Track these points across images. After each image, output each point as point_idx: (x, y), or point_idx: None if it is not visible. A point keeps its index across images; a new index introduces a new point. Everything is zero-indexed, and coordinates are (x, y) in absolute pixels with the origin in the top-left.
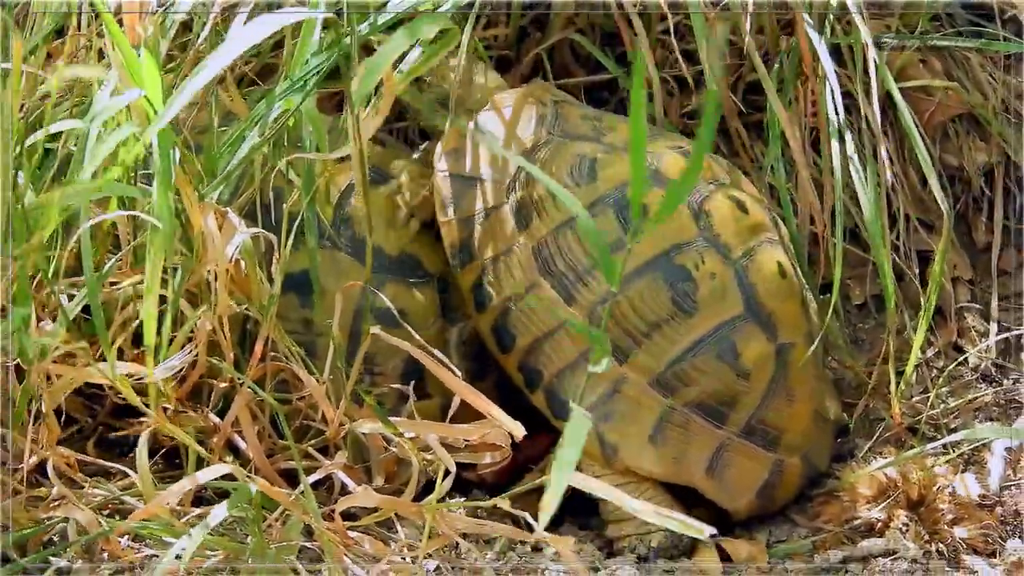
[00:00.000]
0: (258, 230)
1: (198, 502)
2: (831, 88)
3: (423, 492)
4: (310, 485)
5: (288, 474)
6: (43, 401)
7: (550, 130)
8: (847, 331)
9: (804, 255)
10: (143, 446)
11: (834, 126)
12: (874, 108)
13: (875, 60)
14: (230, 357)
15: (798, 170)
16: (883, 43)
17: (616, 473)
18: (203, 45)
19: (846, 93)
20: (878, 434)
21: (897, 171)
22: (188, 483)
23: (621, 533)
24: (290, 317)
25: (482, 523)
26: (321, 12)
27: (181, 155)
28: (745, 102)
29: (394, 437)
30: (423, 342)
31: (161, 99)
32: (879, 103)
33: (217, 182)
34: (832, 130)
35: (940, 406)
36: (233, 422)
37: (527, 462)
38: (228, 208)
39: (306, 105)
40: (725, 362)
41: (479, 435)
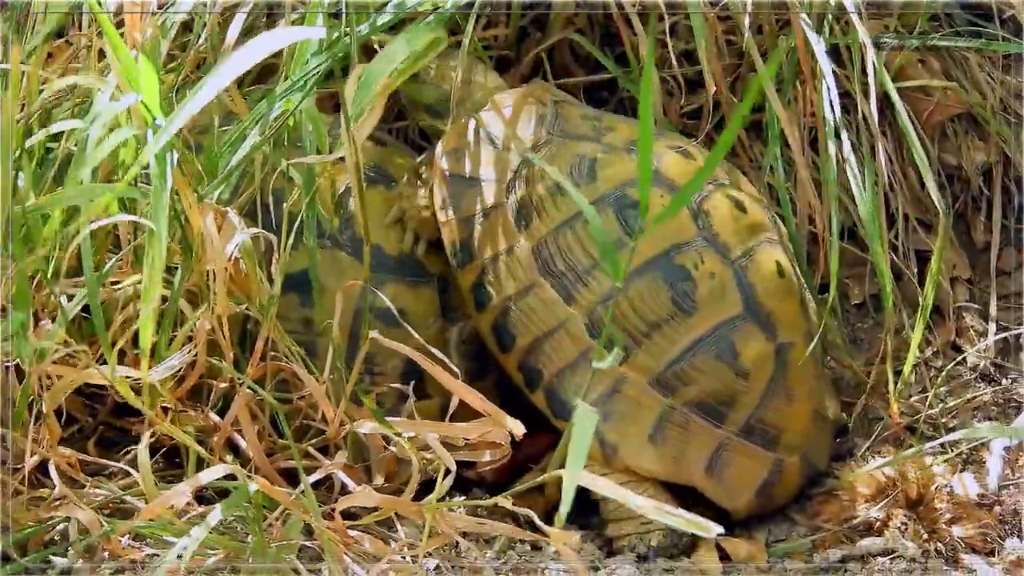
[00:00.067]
0: (258, 230)
1: (198, 501)
2: (828, 88)
3: (423, 491)
4: (310, 485)
5: (288, 473)
6: (43, 402)
7: (550, 130)
8: (846, 330)
9: (803, 255)
10: (144, 446)
11: (831, 126)
12: (872, 108)
13: (873, 60)
14: (230, 357)
15: (797, 170)
16: (882, 43)
17: (616, 472)
18: (203, 45)
19: (845, 93)
20: (877, 433)
21: (896, 170)
22: (190, 485)
23: (621, 532)
24: (290, 317)
25: (482, 522)
26: (320, 29)
27: (180, 155)
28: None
29: (394, 437)
30: (423, 342)
31: (158, 103)
32: (878, 103)
33: (217, 182)
34: (828, 130)
35: (939, 405)
36: (233, 421)
37: (527, 461)
38: (228, 208)
39: (306, 105)
40: (724, 362)
41: (479, 434)
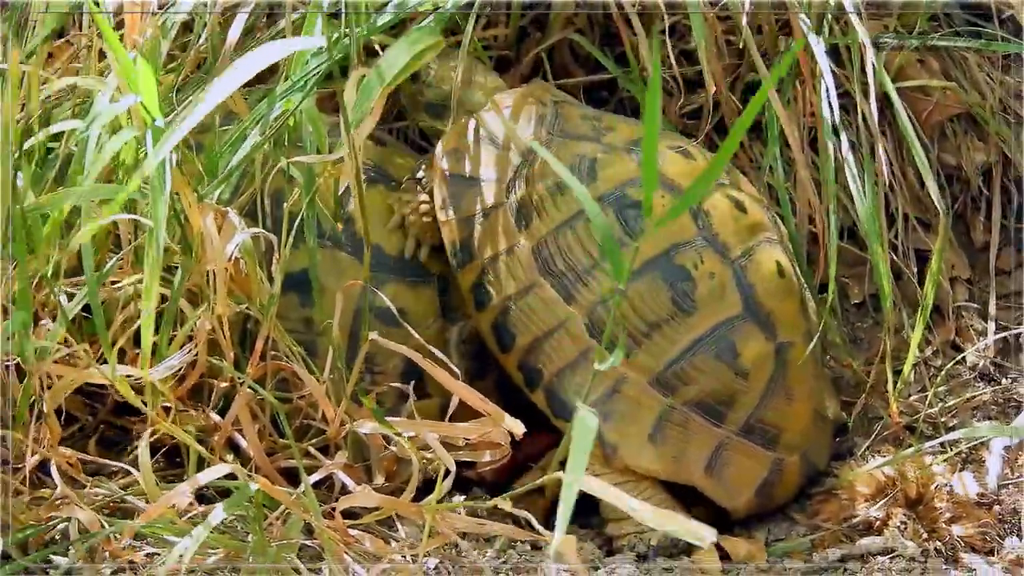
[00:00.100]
0: (258, 230)
1: (199, 500)
2: (828, 88)
3: (423, 490)
4: (310, 484)
5: (288, 473)
6: (44, 402)
7: (550, 130)
8: (845, 330)
9: (803, 254)
10: (145, 446)
11: (831, 126)
12: (872, 108)
13: (873, 60)
14: (230, 356)
15: (797, 170)
16: (881, 43)
17: (615, 472)
18: (203, 46)
19: (844, 93)
20: (876, 433)
21: (895, 170)
22: (191, 485)
23: (621, 531)
24: (290, 316)
25: (482, 522)
26: (319, 40)
27: (181, 155)
28: (743, 102)
29: (394, 436)
30: (423, 341)
31: (157, 104)
32: (877, 103)
33: (218, 182)
34: (828, 130)
35: (938, 405)
36: (234, 421)
37: (527, 460)
38: (228, 208)
39: (306, 105)
40: (724, 361)
41: (479, 434)
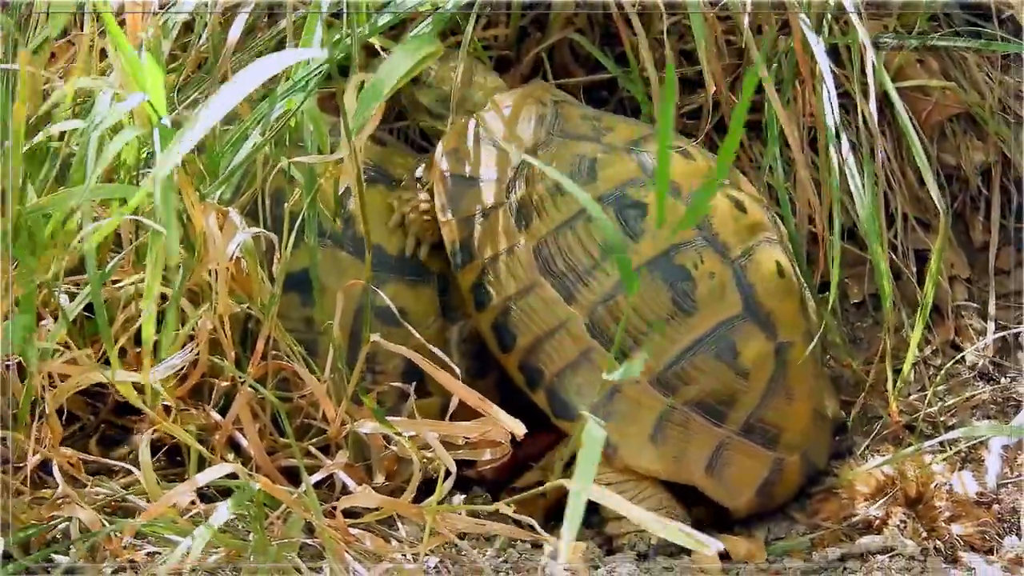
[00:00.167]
0: (259, 229)
1: (199, 498)
2: (828, 88)
3: (423, 489)
4: (311, 483)
5: (289, 472)
6: (46, 402)
7: (550, 130)
8: (845, 329)
9: (803, 254)
10: (146, 445)
11: (830, 126)
12: (871, 108)
13: (872, 60)
14: (231, 356)
15: (796, 169)
16: (881, 43)
17: (615, 471)
18: (204, 46)
19: (844, 93)
20: (876, 432)
21: (895, 170)
22: (192, 484)
23: (621, 530)
24: (291, 316)
25: (482, 523)
26: (319, 52)
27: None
28: None
29: (394, 436)
30: (423, 341)
31: (164, 103)
32: (877, 103)
33: (219, 182)
34: (828, 130)
35: (937, 404)
36: (234, 420)
37: (527, 459)
38: (230, 208)
39: (307, 105)
40: (724, 361)
41: (479, 433)
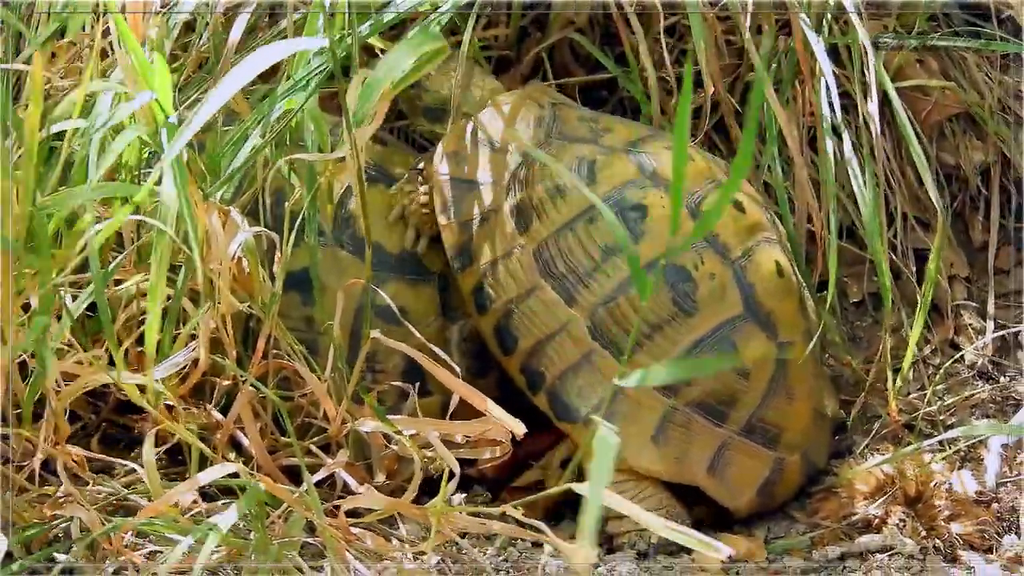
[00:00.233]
0: (260, 229)
1: (200, 497)
2: (827, 88)
3: (424, 487)
4: (312, 482)
5: (290, 471)
6: (50, 402)
7: (549, 132)
8: (845, 329)
9: (802, 254)
10: (149, 444)
11: (830, 125)
12: (871, 108)
13: (872, 60)
14: (233, 355)
15: (796, 169)
16: (881, 43)
17: (617, 472)
18: (205, 45)
19: (844, 93)
20: (875, 431)
21: (894, 170)
22: (194, 483)
23: (621, 529)
24: (292, 315)
25: (483, 521)
26: (319, 41)
27: (187, 155)
28: (742, 102)
29: (395, 435)
30: (423, 340)
31: (171, 102)
32: (877, 102)
33: (221, 182)
34: (827, 130)
35: (937, 403)
36: (236, 419)
37: (528, 458)
38: (231, 207)
39: (308, 105)
40: None
41: (480, 432)
